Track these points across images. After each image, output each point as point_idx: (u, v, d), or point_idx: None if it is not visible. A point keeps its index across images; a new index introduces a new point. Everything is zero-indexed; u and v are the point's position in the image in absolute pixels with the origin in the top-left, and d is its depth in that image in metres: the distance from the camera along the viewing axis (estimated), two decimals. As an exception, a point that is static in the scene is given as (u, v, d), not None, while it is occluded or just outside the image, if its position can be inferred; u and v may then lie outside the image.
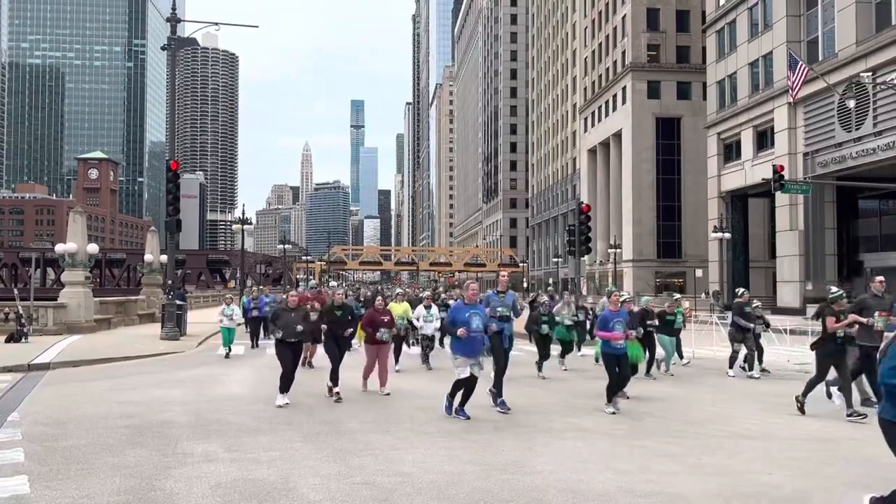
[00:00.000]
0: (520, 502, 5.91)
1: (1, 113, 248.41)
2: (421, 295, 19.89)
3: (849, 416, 9.73)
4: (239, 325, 20.62)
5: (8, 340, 19.76)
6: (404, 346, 16.40)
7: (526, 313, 18.06)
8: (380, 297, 12.38)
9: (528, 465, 7.13)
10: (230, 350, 18.23)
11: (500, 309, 10.46)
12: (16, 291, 26.50)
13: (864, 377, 10.71)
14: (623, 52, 73.21)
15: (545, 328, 14.78)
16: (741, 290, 15.75)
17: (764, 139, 45.43)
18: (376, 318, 11.68)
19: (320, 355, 14.15)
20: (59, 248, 25.96)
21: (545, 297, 17.26)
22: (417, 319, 15.82)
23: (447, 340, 15.65)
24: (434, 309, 16.35)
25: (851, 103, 30.15)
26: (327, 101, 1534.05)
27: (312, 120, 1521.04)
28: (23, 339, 19.91)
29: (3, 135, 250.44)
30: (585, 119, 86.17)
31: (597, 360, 15.05)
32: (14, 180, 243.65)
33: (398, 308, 14.76)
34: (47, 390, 12.23)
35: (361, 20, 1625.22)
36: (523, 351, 17.87)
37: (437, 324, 15.98)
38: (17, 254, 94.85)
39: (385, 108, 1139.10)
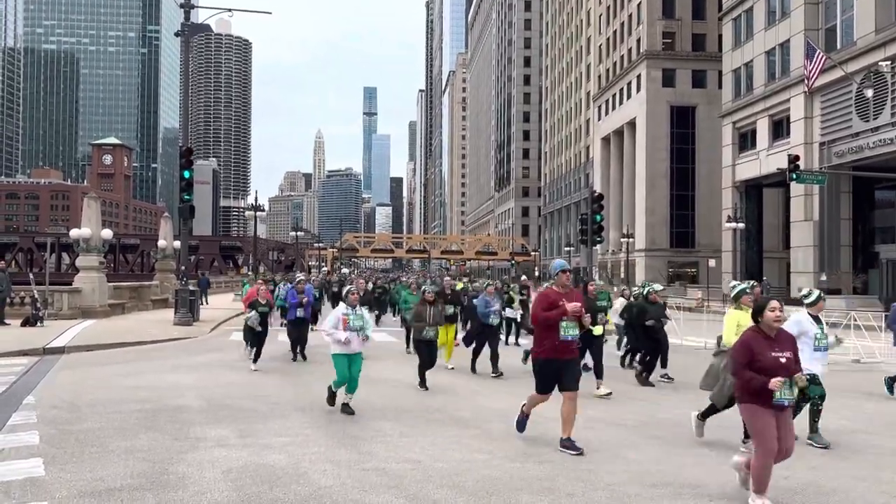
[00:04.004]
0: (529, 490, 5.92)
1: (16, 98, 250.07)
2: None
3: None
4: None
5: (24, 324, 19.97)
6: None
7: None
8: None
9: (538, 454, 7.14)
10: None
11: None
12: (31, 276, 26.78)
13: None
14: (638, 40, 72.61)
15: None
16: None
17: (779, 128, 44.97)
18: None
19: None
20: (74, 233, 26.12)
21: None
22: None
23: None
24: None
25: (869, 93, 29.78)
26: (339, 91, 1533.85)
27: (325, 109, 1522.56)
28: (38, 323, 20.11)
29: (18, 120, 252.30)
30: (599, 107, 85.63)
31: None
32: (29, 165, 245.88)
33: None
34: (62, 374, 12.36)
35: (373, 10, 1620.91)
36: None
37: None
38: (33, 238, 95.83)
39: (397, 97, 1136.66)
